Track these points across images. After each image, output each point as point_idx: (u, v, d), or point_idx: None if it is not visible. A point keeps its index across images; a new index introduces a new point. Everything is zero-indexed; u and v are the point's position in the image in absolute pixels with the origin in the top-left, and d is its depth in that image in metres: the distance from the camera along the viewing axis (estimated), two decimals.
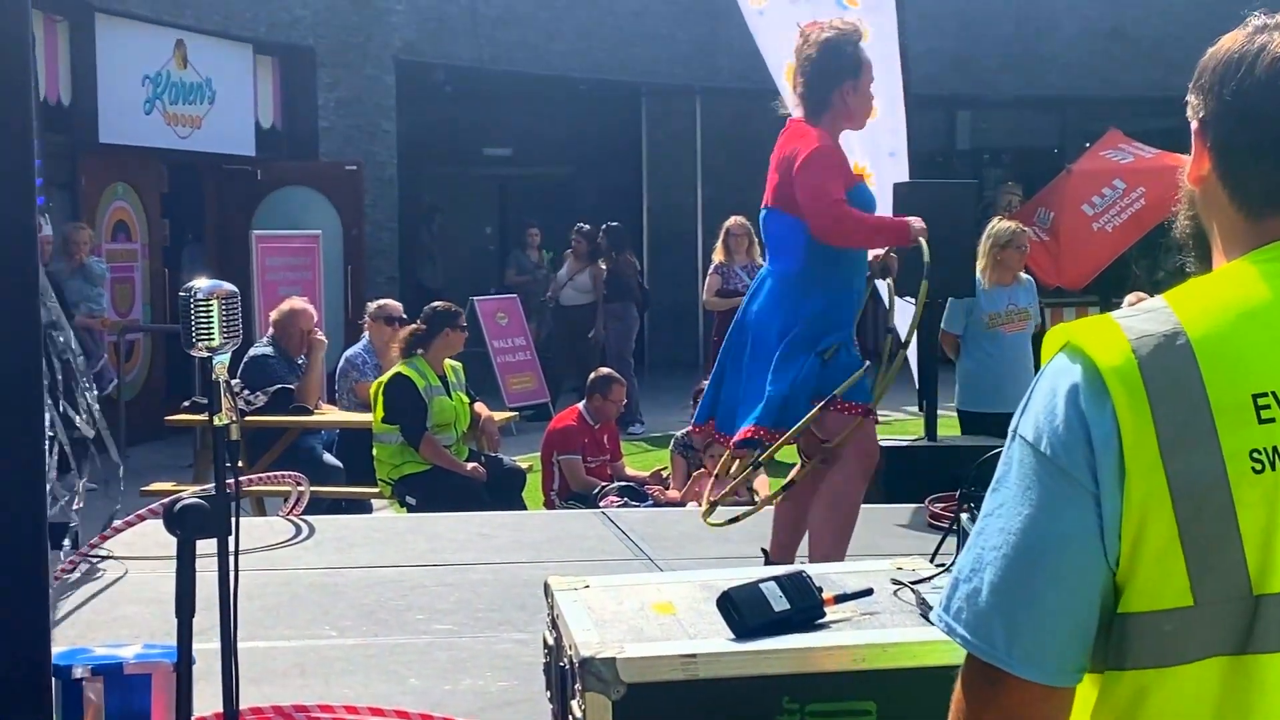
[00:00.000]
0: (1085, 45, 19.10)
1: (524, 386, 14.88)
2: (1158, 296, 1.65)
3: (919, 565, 4.07)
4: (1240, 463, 1.53)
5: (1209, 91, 1.69)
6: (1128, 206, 13.87)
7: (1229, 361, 1.55)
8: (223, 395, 3.31)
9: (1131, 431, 1.54)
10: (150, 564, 6.12)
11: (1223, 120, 1.68)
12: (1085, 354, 1.59)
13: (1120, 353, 1.57)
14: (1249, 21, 1.70)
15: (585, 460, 9.63)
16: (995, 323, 8.81)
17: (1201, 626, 1.54)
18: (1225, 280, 1.64)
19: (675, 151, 19.31)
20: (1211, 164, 1.69)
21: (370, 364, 9.71)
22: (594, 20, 18.07)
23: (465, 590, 6.03)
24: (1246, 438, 1.54)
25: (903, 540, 6.52)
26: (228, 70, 14.99)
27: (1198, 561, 1.54)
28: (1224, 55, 1.69)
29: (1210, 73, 1.70)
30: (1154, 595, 1.55)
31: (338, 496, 9.17)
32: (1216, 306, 1.60)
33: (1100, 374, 1.57)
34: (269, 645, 5.24)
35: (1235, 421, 1.54)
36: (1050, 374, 1.62)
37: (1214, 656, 1.55)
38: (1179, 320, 1.58)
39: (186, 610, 3.28)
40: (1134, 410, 1.55)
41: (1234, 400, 1.54)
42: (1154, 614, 1.55)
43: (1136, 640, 1.57)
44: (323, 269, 14.10)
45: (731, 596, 3.45)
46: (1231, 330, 1.57)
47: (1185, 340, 1.56)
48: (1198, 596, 1.54)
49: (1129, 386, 1.55)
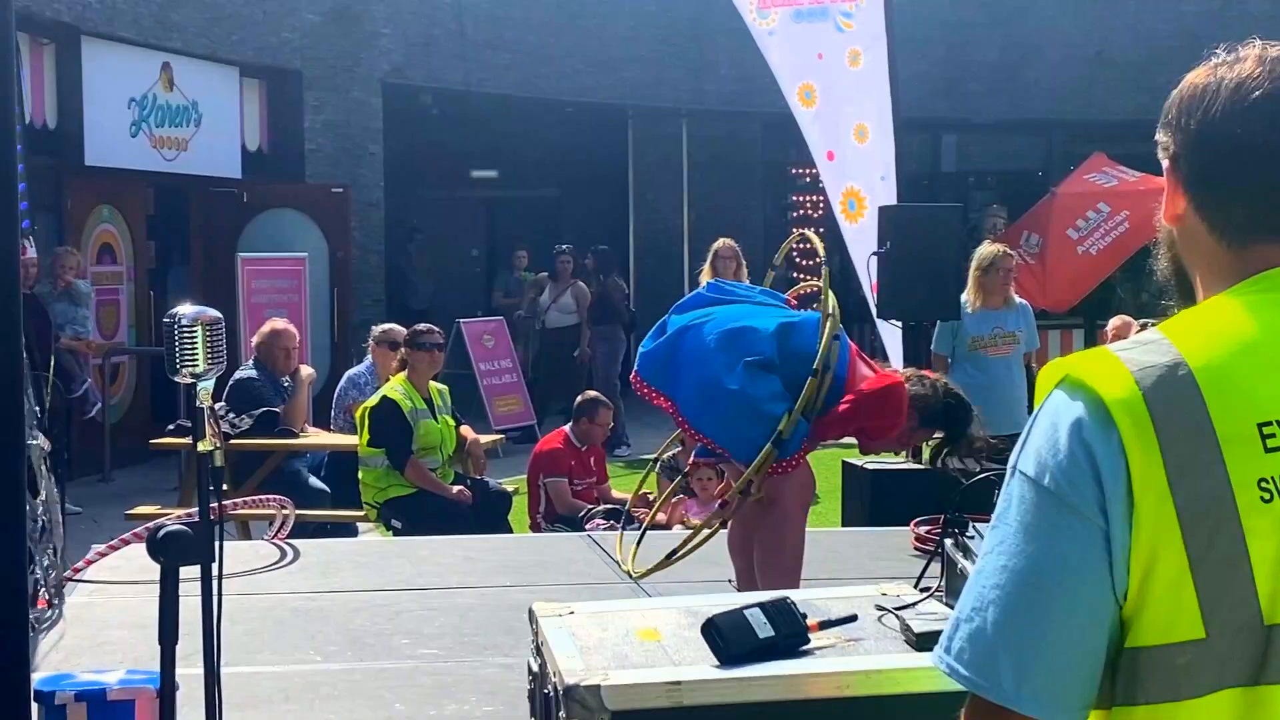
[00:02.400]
0: (1070, 70, 19.17)
1: (510, 409, 14.87)
2: (1152, 329, 1.64)
3: (903, 590, 4.06)
4: (1249, 492, 1.53)
5: (1177, 127, 1.69)
6: (1112, 230, 13.92)
7: (1232, 391, 1.55)
8: (206, 421, 3.30)
9: (1139, 463, 1.53)
10: (134, 588, 6.10)
11: (1194, 154, 1.68)
12: (1087, 387, 1.57)
13: (1124, 385, 1.55)
14: (1210, 58, 1.70)
15: (572, 483, 9.62)
16: (978, 346, 8.83)
17: (1214, 658, 1.53)
18: (1216, 312, 1.63)
19: (662, 174, 19.33)
20: (1187, 200, 1.69)
21: (372, 385, 9.67)
22: (581, 43, 18.11)
23: (451, 614, 6.01)
24: (1254, 467, 1.53)
25: (888, 564, 6.52)
26: (214, 93, 14.99)
27: (1209, 592, 1.52)
28: (1188, 90, 1.69)
29: (1177, 109, 1.70)
30: (1165, 628, 1.54)
31: (323, 520, 9.14)
32: (1213, 338, 1.59)
33: (1105, 406, 1.55)
34: (253, 670, 5.22)
35: (1242, 451, 1.53)
36: (1050, 409, 1.60)
37: (1227, 689, 1.53)
38: (1179, 351, 1.57)
39: (170, 637, 3.27)
40: (1141, 441, 1.53)
41: (1240, 430, 1.53)
42: (1166, 647, 1.54)
43: (1148, 674, 1.55)
44: (309, 291, 14.09)
45: (716, 623, 3.44)
46: (1231, 361, 1.57)
47: (1188, 371, 1.55)
48: (1210, 628, 1.52)
49: (1135, 418, 1.53)
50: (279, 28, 15.68)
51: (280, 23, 15.70)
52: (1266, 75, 1.65)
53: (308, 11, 15.95)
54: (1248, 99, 1.64)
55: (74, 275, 12.17)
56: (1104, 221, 14.06)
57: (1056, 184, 15.57)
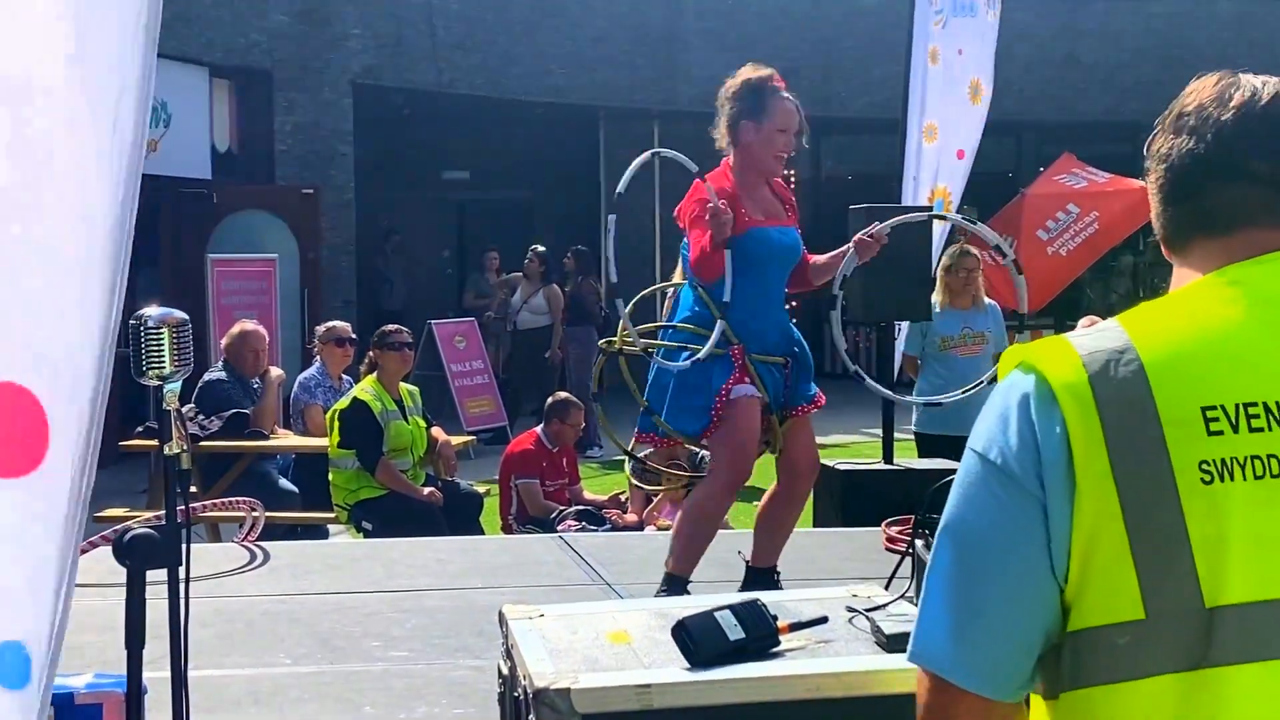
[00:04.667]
0: (1039, 72, 19.23)
1: (482, 410, 14.85)
2: (1111, 319, 1.70)
3: (874, 592, 4.06)
4: (1189, 474, 1.57)
5: (1163, 137, 1.78)
6: (1081, 231, 13.97)
7: (1179, 377, 1.60)
8: (174, 424, 3.28)
9: (1081, 443, 1.59)
10: (102, 591, 6.06)
11: (1173, 154, 1.76)
12: (1037, 370, 1.64)
13: (1071, 368, 1.62)
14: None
15: (543, 484, 9.60)
16: (948, 345, 8.86)
17: (1155, 640, 1.56)
18: (1181, 301, 1.70)
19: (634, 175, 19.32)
20: (1163, 199, 1.77)
21: (324, 386, 9.65)
22: (552, 44, 18.09)
23: (422, 616, 6.00)
24: (1195, 450, 1.57)
25: (858, 565, 6.53)
26: (183, 94, 14.91)
27: (1149, 572, 1.56)
28: (1172, 108, 1.79)
29: (1161, 124, 1.79)
30: (1106, 609, 1.58)
31: (293, 522, 9.11)
32: (1168, 325, 1.65)
33: (1051, 387, 1.62)
34: (222, 673, 5.19)
35: (1185, 434, 1.58)
36: (1003, 390, 1.68)
37: (1170, 673, 1.56)
38: (1130, 339, 1.63)
39: (136, 641, 3.24)
40: (1084, 422, 1.59)
41: (1183, 414, 1.58)
42: (1107, 628, 1.58)
43: (1090, 656, 1.59)
44: (279, 293, 14.04)
45: (686, 625, 3.44)
46: (1182, 347, 1.62)
47: (1135, 356, 1.61)
48: (1150, 609, 1.56)
49: (1079, 399, 1.60)
50: (248, 28, 15.62)
51: (250, 23, 15.64)
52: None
53: (277, 12, 15.89)
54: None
55: None
56: (1074, 222, 14.09)
57: (1026, 185, 15.60)
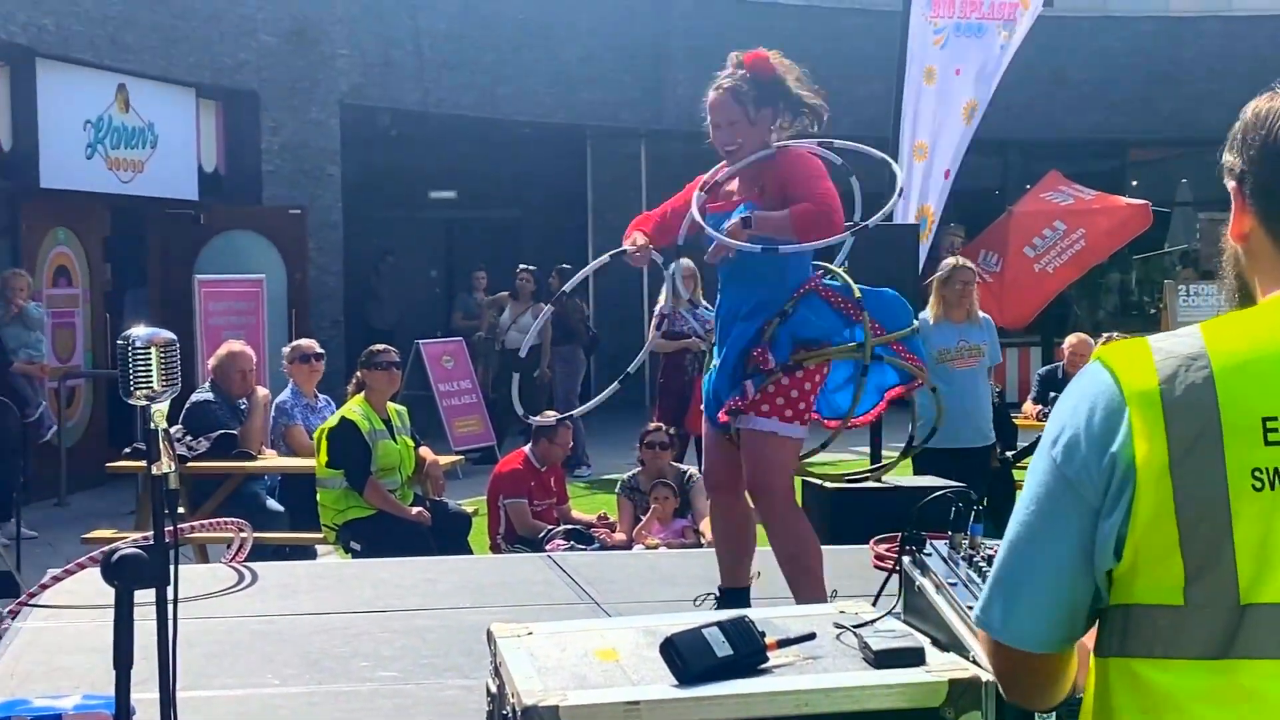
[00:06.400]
0: (1027, 88, 19.25)
1: (470, 430, 14.84)
2: (1194, 325, 1.77)
3: (862, 608, 4.06)
4: (1242, 479, 1.66)
5: (1242, 151, 1.82)
6: (1068, 248, 14.02)
7: (1246, 385, 1.68)
8: (161, 444, 3.28)
9: (1144, 444, 1.69)
10: (90, 613, 6.05)
11: (1257, 172, 1.80)
12: (1111, 369, 1.74)
13: (1144, 371, 1.71)
14: (1274, 89, 1.84)
15: (531, 503, 9.60)
16: (945, 358, 8.86)
17: (1189, 627, 1.68)
18: (1263, 311, 1.77)
19: (621, 194, 19.35)
20: (1252, 216, 1.81)
21: (300, 405, 9.63)
22: (539, 64, 18.12)
23: (410, 636, 5.98)
24: (1251, 457, 1.66)
25: (846, 581, 6.52)
26: (170, 114, 14.92)
27: (1193, 567, 1.68)
28: (1251, 117, 1.82)
29: (1241, 133, 1.82)
30: (1153, 590, 1.71)
31: (281, 543, 9.09)
32: (1244, 334, 1.73)
33: (1121, 389, 1.71)
34: (210, 694, 5.18)
35: (1243, 441, 1.66)
36: (1077, 386, 1.78)
37: (1200, 658, 1.68)
38: (1205, 345, 1.71)
39: (124, 661, 3.24)
40: (1148, 425, 1.69)
41: (1245, 422, 1.67)
42: (1152, 607, 1.71)
43: (1135, 629, 1.73)
44: (266, 313, 14.03)
45: (674, 642, 3.43)
46: (1253, 356, 1.70)
47: (1207, 363, 1.69)
48: (1188, 599, 1.68)
49: (1148, 403, 1.69)
50: (236, 49, 15.63)
51: (237, 44, 15.65)
52: None
53: (265, 33, 15.91)
54: None
55: (24, 299, 12.08)
56: (1060, 239, 14.15)
57: (1013, 203, 15.65)
